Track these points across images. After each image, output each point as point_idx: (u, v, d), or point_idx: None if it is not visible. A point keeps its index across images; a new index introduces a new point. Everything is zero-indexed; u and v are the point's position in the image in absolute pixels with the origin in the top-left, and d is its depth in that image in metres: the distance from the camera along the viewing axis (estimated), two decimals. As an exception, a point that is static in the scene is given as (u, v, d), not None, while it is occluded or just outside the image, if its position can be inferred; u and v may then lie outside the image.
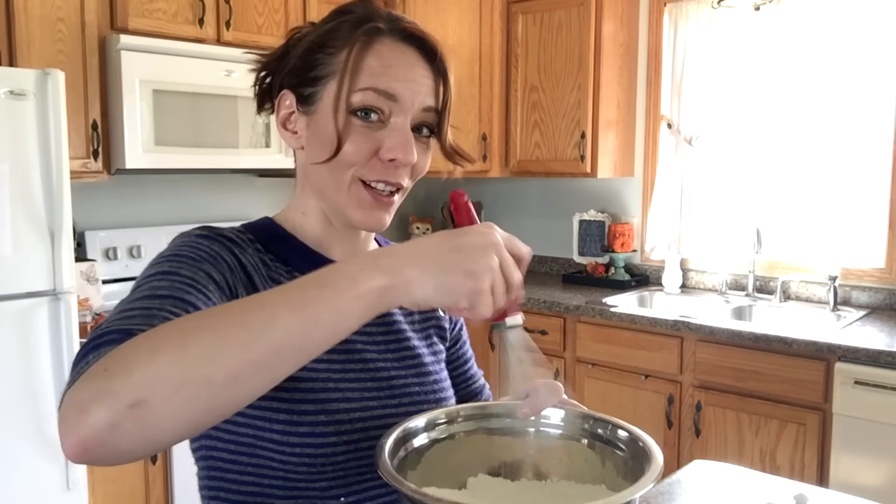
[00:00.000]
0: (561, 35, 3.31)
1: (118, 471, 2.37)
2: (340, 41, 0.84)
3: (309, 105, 0.86)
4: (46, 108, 2.10)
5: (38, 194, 2.10)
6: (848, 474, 2.36)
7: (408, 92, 0.83)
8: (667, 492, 1.38)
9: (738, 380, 2.59)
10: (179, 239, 0.83)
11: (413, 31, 0.85)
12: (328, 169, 0.85)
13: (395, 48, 0.84)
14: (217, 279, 0.78)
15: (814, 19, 2.93)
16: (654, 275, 3.46)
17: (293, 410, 0.82)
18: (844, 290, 2.96)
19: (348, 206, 0.86)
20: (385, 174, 0.85)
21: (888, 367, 2.28)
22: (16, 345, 2.08)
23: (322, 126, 0.84)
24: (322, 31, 0.87)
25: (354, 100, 0.82)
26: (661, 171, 3.37)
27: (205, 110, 2.69)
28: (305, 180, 0.91)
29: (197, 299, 0.73)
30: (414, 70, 0.84)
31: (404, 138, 0.83)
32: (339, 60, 0.83)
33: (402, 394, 0.91)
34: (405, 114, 0.84)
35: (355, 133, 0.83)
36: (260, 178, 3.38)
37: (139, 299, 0.71)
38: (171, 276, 0.74)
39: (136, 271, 2.89)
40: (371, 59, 0.83)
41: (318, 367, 0.85)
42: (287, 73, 0.88)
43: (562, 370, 3.06)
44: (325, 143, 0.84)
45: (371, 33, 0.84)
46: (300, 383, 0.83)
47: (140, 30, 2.58)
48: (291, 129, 0.89)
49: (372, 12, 0.86)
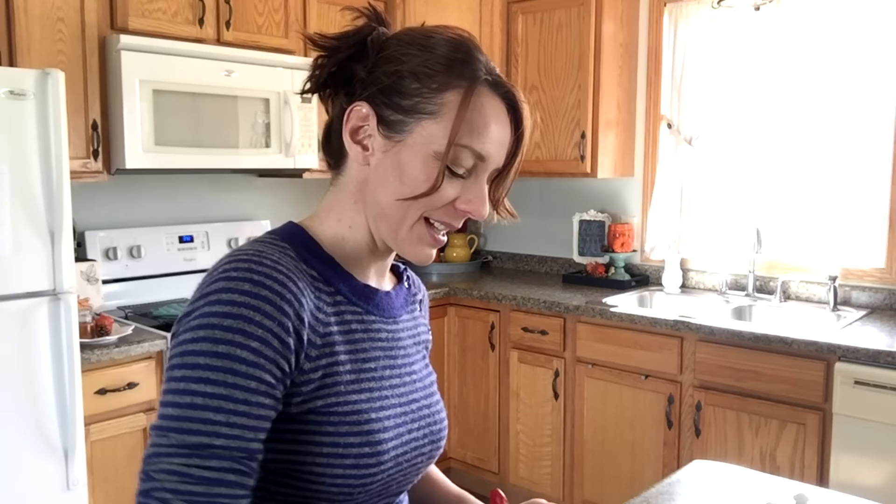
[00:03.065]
0: (561, 35, 3.32)
1: (118, 471, 2.37)
2: (441, 77, 0.84)
3: (393, 132, 0.85)
4: (46, 108, 2.10)
5: (38, 194, 2.10)
6: (848, 474, 2.36)
7: (496, 155, 0.86)
8: (667, 492, 1.38)
9: (738, 380, 2.59)
10: (227, 300, 0.77)
11: (508, 87, 0.87)
12: (399, 203, 0.85)
13: (492, 104, 0.86)
14: (272, 380, 0.77)
15: (814, 19, 2.93)
16: (654, 275, 3.46)
17: (338, 444, 0.82)
18: (844, 290, 2.96)
19: (406, 241, 0.88)
20: (452, 220, 0.88)
21: (888, 367, 2.28)
22: (16, 345, 2.08)
23: (406, 162, 0.84)
24: (422, 60, 0.85)
25: (450, 153, 0.83)
26: (661, 171, 3.37)
27: (205, 110, 2.69)
28: (360, 195, 0.90)
29: (253, 441, 0.76)
30: (503, 131, 0.87)
31: (482, 194, 0.87)
32: (440, 102, 0.83)
33: (421, 416, 0.94)
34: (486, 171, 0.87)
35: (440, 181, 0.84)
36: (260, 178, 3.38)
37: (197, 445, 0.73)
38: (228, 404, 0.75)
39: (136, 271, 2.89)
40: (473, 114, 0.84)
41: (360, 398, 0.85)
42: (370, 85, 0.86)
43: (562, 370, 3.06)
44: (407, 179, 0.84)
45: (474, 80, 0.85)
46: (345, 416, 0.83)
47: (140, 30, 2.58)
48: (362, 143, 0.87)
49: (475, 56, 0.87)
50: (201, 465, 0.73)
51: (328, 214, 0.92)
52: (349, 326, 0.88)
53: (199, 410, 0.74)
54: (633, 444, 2.88)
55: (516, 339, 3.19)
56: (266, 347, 0.77)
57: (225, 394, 0.74)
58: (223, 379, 0.75)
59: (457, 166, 0.84)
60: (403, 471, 0.89)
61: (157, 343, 2.41)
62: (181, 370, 0.76)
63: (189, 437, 0.73)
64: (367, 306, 0.91)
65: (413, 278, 1.06)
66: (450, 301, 3.40)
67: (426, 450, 0.93)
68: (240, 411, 0.75)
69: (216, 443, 0.73)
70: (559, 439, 3.10)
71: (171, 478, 0.72)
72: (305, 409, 0.81)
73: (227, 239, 3.17)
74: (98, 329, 2.36)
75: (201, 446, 0.73)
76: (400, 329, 0.96)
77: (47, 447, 2.14)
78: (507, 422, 3.28)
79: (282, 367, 0.78)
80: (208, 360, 0.75)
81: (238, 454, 0.74)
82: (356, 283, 0.91)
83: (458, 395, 3.45)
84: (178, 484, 0.72)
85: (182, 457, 0.73)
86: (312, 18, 3.08)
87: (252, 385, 0.76)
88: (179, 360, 0.77)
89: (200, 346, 0.76)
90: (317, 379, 0.82)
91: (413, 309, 1.02)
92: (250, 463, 0.76)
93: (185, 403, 0.74)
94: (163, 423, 0.75)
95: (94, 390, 2.28)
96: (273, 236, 0.88)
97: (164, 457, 0.73)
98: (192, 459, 0.72)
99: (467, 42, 0.87)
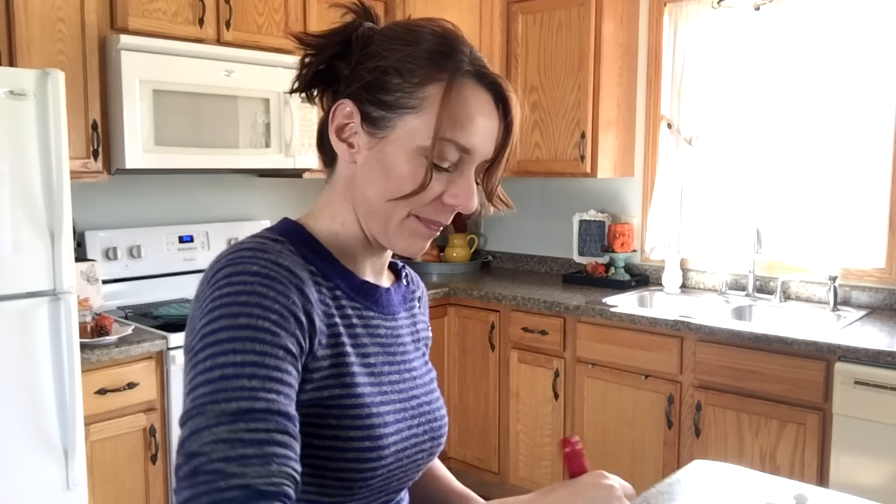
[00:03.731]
0: (561, 35, 3.31)
1: (118, 471, 2.37)
2: (422, 71, 0.83)
3: (377, 128, 0.84)
4: (46, 108, 2.10)
5: (38, 194, 2.10)
6: (848, 474, 2.36)
7: (483, 147, 0.85)
8: (667, 492, 1.38)
9: (737, 380, 2.59)
10: (238, 280, 0.76)
11: (493, 77, 0.86)
12: (386, 202, 0.85)
13: (477, 95, 0.84)
14: (295, 352, 0.76)
15: (814, 19, 2.93)
16: (654, 275, 3.46)
17: (339, 437, 0.81)
18: (844, 290, 2.96)
19: (396, 236, 0.87)
20: (440, 216, 0.87)
21: (888, 367, 2.28)
22: (16, 345, 2.08)
23: (390, 158, 0.84)
24: (404, 55, 0.84)
25: (435, 147, 0.82)
26: (661, 171, 3.37)
27: (205, 110, 2.69)
28: (349, 192, 0.89)
29: (290, 406, 0.73)
30: (490, 122, 0.85)
31: (469, 187, 0.85)
32: (422, 96, 0.82)
33: (421, 413, 0.93)
34: (473, 163, 0.85)
35: (425, 176, 0.83)
36: (260, 178, 3.38)
37: (238, 410, 0.70)
38: (260, 370, 0.72)
39: (136, 271, 2.89)
40: (456, 107, 0.82)
41: (363, 391, 0.85)
42: (353, 82, 0.86)
43: (562, 370, 3.06)
44: (392, 176, 0.84)
45: (455, 73, 0.83)
46: (347, 410, 0.82)
47: (140, 30, 2.58)
48: (347, 141, 0.87)
49: (458, 48, 0.85)
50: (248, 427, 0.69)
51: (322, 213, 0.92)
52: (350, 321, 0.88)
53: (233, 380, 0.71)
54: (633, 444, 2.88)
55: (516, 339, 3.19)
56: (285, 321, 0.75)
57: (256, 360, 0.72)
58: (251, 347, 0.72)
59: (441, 160, 0.83)
60: (404, 467, 0.89)
61: (157, 343, 2.41)
62: (205, 351, 0.73)
63: (228, 405, 0.69)
64: (365, 302, 0.91)
65: (412, 276, 1.06)
66: (450, 301, 3.40)
67: (426, 446, 0.93)
68: (273, 377, 0.72)
69: (257, 406, 0.70)
70: (559, 439, 3.10)
71: (220, 446, 0.67)
72: (313, 397, 0.80)
73: (227, 239, 3.17)
74: (98, 329, 2.36)
75: (242, 411, 0.69)
76: (399, 326, 0.96)
77: (47, 447, 2.14)
78: (507, 422, 3.28)
79: (300, 343, 0.77)
80: (231, 333, 0.73)
81: (280, 417, 0.71)
82: (354, 279, 0.90)
83: (458, 395, 3.45)
84: (229, 450, 0.67)
85: (226, 424, 0.68)
86: (312, 19, 3.08)
87: (280, 353, 0.74)
88: (200, 342, 0.74)
89: (221, 324, 0.73)
90: (326, 367, 0.82)
91: (412, 306, 1.02)
92: (293, 427, 0.72)
93: (216, 377, 0.71)
94: (196, 403, 0.71)
95: (94, 390, 2.28)
96: (271, 232, 0.88)
97: (205, 430, 0.68)
98: (238, 424, 0.68)
99: (451, 34, 0.86)
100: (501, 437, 3.31)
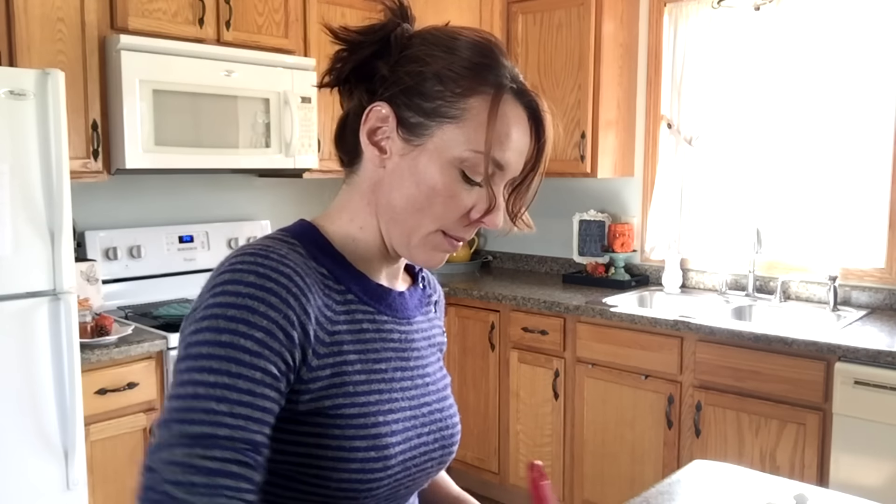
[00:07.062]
0: (561, 35, 3.32)
1: (118, 471, 2.38)
2: (465, 82, 0.82)
3: (413, 135, 0.83)
4: (46, 108, 2.10)
5: (38, 194, 2.10)
6: (848, 474, 2.36)
7: (515, 164, 0.84)
8: (667, 492, 1.38)
9: (737, 380, 2.59)
10: (232, 291, 0.76)
11: (532, 97, 0.85)
12: (414, 212, 0.83)
13: (515, 111, 0.83)
14: (277, 373, 0.76)
15: (814, 19, 2.93)
16: (654, 275, 3.46)
17: (344, 447, 0.80)
18: (844, 290, 2.96)
19: (418, 248, 0.86)
20: (466, 231, 0.86)
21: (888, 367, 2.28)
22: (16, 345, 2.08)
23: (423, 168, 0.82)
24: (447, 63, 0.82)
25: (468, 159, 0.81)
26: (661, 171, 3.37)
27: (205, 110, 2.69)
28: (373, 197, 0.87)
29: (258, 433, 0.73)
30: (524, 140, 0.84)
31: (498, 203, 0.85)
32: (463, 107, 0.81)
33: (432, 420, 0.91)
34: (504, 179, 0.85)
35: (457, 189, 0.82)
36: (260, 178, 3.38)
37: (199, 435, 0.70)
38: (231, 394, 0.72)
39: (136, 271, 2.89)
40: (497, 122, 0.81)
41: (369, 400, 0.84)
42: (392, 85, 0.84)
43: (562, 370, 3.06)
44: (423, 185, 0.82)
45: (500, 88, 0.82)
46: (351, 419, 0.81)
47: (140, 30, 2.58)
48: (379, 145, 0.85)
49: (500, 61, 0.84)
50: (204, 454, 0.70)
51: (340, 213, 0.90)
52: (360, 326, 0.86)
53: (202, 400, 0.72)
54: (633, 444, 2.88)
55: (516, 339, 3.19)
56: (270, 339, 0.75)
57: (228, 383, 0.72)
58: (226, 368, 0.73)
59: (475, 174, 0.82)
60: (412, 475, 0.88)
61: (157, 343, 2.41)
62: (185, 362, 0.74)
63: (191, 428, 0.71)
64: (378, 306, 0.89)
65: (429, 279, 1.04)
66: (450, 301, 3.40)
67: (437, 454, 0.91)
68: (244, 402, 0.73)
69: (219, 433, 0.71)
70: (559, 439, 3.10)
71: (172, 468, 0.69)
72: (314, 408, 0.79)
73: (227, 239, 3.17)
74: (98, 329, 2.36)
75: (204, 436, 0.70)
76: (414, 330, 0.94)
77: (47, 447, 2.14)
78: (507, 422, 3.28)
79: (286, 361, 0.76)
80: (211, 350, 0.73)
81: (242, 445, 0.72)
82: (368, 282, 0.89)
83: (458, 395, 3.45)
84: (180, 475, 0.69)
85: (184, 447, 0.70)
86: (312, 19, 3.08)
87: (257, 376, 0.74)
88: (184, 352, 0.76)
89: (204, 337, 0.74)
90: (325, 377, 0.81)
91: (428, 310, 1.00)
92: (255, 456, 0.73)
93: (187, 394, 0.72)
94: (166, 416, 0.73)
95: (94, 390, 2.28)
96: (283, 233, 0.87)
97: (165, 448, 0.70)
98: (195, 449, 0.70)
99: (493, 46, 0.85)
100: (501, 437, 3.31)
